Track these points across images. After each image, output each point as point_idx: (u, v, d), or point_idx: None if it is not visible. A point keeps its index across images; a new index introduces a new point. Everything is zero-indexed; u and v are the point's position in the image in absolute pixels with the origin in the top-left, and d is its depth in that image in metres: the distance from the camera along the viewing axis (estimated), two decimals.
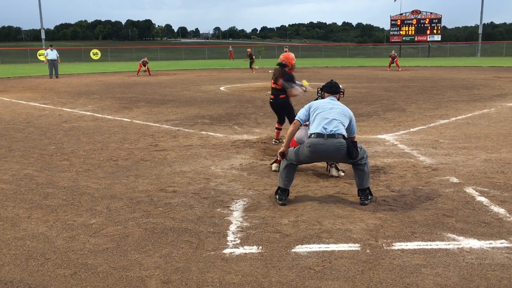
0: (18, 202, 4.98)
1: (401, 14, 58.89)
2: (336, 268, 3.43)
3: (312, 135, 4.78)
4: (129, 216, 4.52)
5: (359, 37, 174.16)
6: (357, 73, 28.53)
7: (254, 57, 31.53)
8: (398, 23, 58.52)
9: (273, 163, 6.28)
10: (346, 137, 4.79)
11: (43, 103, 14.20)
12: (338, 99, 5.26)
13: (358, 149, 4.84)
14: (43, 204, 4.90)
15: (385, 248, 3.76)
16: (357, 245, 3.82)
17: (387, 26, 79.03)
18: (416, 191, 5.21)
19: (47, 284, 3.25)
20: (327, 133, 4.71)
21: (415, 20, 57.66)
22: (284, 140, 5.09)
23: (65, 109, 12.80)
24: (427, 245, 3.80)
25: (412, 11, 58.10)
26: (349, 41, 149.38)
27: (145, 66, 28.07)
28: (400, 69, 30.86)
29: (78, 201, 4.98)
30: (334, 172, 5.89)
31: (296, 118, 5.08)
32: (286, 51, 11.04)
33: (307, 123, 5.06)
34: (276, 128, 7.90)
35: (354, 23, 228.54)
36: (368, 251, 3.70)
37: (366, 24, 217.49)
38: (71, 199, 5.07)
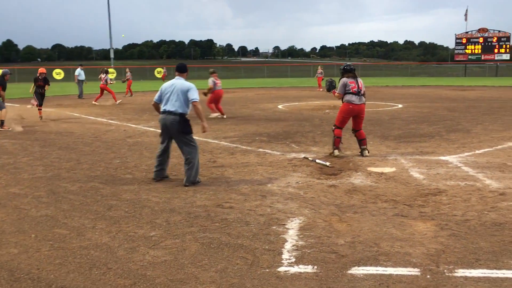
0: (84, 213, 5.24)
1: (467, 32, 56.73)
2: None
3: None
4: (186, 230, 4.63)
5: (422, 55, 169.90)
6: (419, 93, 27.74)
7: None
8: (464, 42, 56.35)
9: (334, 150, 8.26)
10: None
11: (110, 119, 14.90)
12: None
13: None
14: (107, 215, 5.12)
15: (447, 274, 3.60)
16: (416, 269, 3.69)
17: (451, 45, 76.13)
18: (481, 216, 4.97)
19: None
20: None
21: (481, 38, 55.30)
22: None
23: (130, 125, 13.36)
24: (492, 273, 3.61)
25: (479, 29, 55.79)
26: (411, 60, 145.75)
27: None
28: None
29: (139, 214, 5.17)
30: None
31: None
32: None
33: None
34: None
35: (416, 42, 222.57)
36: (428, 276, 3.57)
37: (429, 43, 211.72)
38: (132, 211, 5.27)
